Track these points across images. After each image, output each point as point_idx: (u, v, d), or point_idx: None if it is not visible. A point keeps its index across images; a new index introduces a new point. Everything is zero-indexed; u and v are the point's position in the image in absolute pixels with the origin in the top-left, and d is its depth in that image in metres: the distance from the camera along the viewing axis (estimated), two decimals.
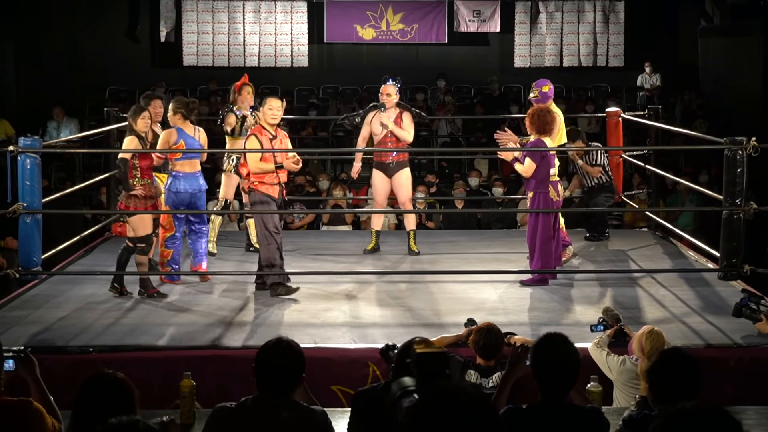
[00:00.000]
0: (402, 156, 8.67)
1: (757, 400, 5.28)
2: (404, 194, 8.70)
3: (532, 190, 7.52)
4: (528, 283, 7.53)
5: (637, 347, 5.18)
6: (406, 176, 8.69)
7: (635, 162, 9.95)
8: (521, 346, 4.17)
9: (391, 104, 8.61)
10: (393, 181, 8.67)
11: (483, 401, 2.34)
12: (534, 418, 3.55)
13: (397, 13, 16.74)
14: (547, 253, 7.47)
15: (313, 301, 7.15)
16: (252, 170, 7.23)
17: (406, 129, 8.59)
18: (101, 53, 16.45)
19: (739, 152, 6.74)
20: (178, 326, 6.51)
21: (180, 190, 7.55)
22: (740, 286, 6.88)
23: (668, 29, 17.35)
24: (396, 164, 8.65)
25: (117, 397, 3.31)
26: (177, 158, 7.56)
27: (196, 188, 7.61)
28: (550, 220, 7.51)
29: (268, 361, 3.65)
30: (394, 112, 8.62)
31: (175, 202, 7.57)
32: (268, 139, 7.26)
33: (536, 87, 8.49)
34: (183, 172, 7.57)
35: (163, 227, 7.63)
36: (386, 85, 8.66)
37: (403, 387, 3.64)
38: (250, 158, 7.22)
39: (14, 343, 5.86)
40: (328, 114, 15.61)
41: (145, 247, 7.25)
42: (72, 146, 12.11)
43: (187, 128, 7.58)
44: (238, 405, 3.65)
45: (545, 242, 7.45)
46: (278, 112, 7.29)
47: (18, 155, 6.87)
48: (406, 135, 8.59)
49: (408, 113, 8.68)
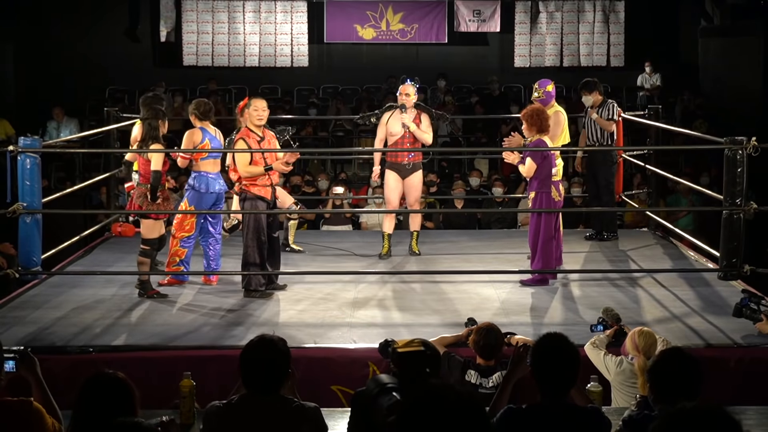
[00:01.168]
0: (418, 157, 8.57)
1: (757, 400, 5.28)
2: (414, 196, 8.63)
3: (535, 191, 7.52)
4: (528, 283, 7.53)
5: (631, 346, 5.21)
6: (418, 178, 8.62)
7: (635, 162, 9.94)
8: (522, 347, 4.18)
9: (410, 104, 8.50)
10: (406, 182, 8.55)
11: (472, 399, 2.33)
12: (534, 418, 3.55)
13: (397, 13, 16.74)
14: (548, 253, 7.47)
15: (313, 301, 7.15)
16: (242, 174, 7.17)
17: (425, 130, 8.48)
18: (101, 53, 16.45)
19: (739, 152, 6.73)
20: (178, 326, 6.51)
21: (208, 190, 7.48)
22: (740, 286, 6.88)
23: (668, 29, 17.35)
24: (412, 165, 8.55)
25: (118, 397, 3.31)
26: (203, 158, 7.51)
27: (222, 189, 7.59)
28: (551, 220, 7.51)
29: (253, 359, 3.66)
30: (413, 112, 8.50)
31: (199, 202, 7.52)
32: (256, 141, 7.21)
33: (540, 87, 8.47)
34: (209, 172, 7.52)
35: (183, 227, 7.57)
36: (405, 85, 8.55)
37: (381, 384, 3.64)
38: (239, 163, 7.15)
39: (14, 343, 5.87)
40: (328, 114, 15.61)
41: (149, 249, 7.21)
42: (72, 146, 12.11)
43: (209, 129, 7.57)
44: (226, 403, 3.66)
45: (546, 242, 7.45)
46: (264, 113, 7.22)
47: (18, 155, 6.86)
48: (427, 137, 8.48)
49: (426, 114, 8.57)
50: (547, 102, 8.33)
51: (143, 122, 7.31)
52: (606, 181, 9.09)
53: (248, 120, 7.28)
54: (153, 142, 7.15)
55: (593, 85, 9.17)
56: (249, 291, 7.22)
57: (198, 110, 7.58)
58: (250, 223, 7.17)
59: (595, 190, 9.19)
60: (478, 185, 12.12)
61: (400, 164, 8.55)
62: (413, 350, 3.66)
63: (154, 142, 7.16)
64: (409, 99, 8.49)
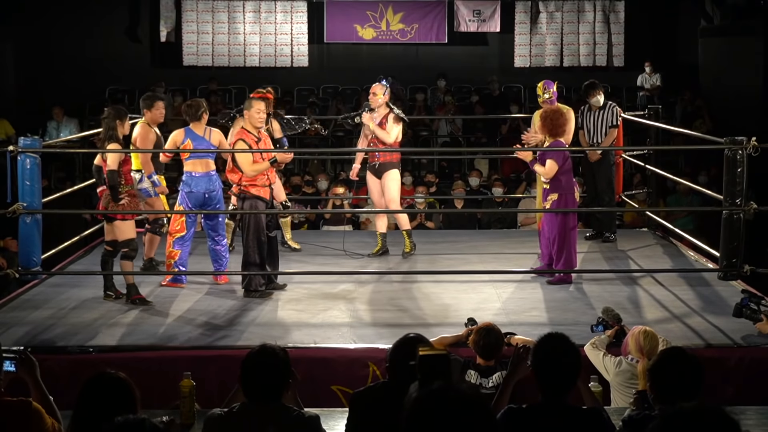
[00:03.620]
0: (388, 157, 8.42)
1: (757, 400, 5.29)
2: (387, 195, 8.46)
3: (558, 192, 7.52)
4: (554, 283, 7.55)
5: (635, 348, 5.18)
6: (390, 178, 8.44)
7: (635, 162, 9.95)
8: (522, 347, 4.17)
9: (376, 104, 8.39)
10: (381, 182, 8.52)
11: (477, 399, 2.33)
12: (534, 418, 3.54)
13: (397, 13, 16.73)
14: (571, 252, 7.53)
15: (313, 301, 7.15)
16: (248, 174, 7.18)
17: (388, 130, 8.33)
18: (101, 53, 16.44)
19: (739, 152, 6.73)
20: (178, 326, 6.51)
21: (192, 190, 7.52)
22: (740, 286, 6.88)
23: (668, 29, 17.35)
24: (380, 165, 8.45)
25: (119, 397, 3.31)
26: (186, 158, 7.56)
27: (210, 189, 7.58)
28: (574, 220, 7.57)
29: (253, 367, 3.64)
30: (384, 111, 8.41)
31: (186, 201, 7.55)
32: (254, 142, 7.27)
33: (548, 88, 8.50)
34: (194, 172, 7.55)
35: (174, 226, 7.59)
36: (374, 85, 8.48)
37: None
38: (243, 163, 7.17)
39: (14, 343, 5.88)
40: (328, 114, 15.61)
41: (128, 251, 7.09)
42: (72, 146, 12.10)
43: (197, 129, 7.57)
44: (227, 412, 3.65)
45: (570, 242, 7.51)
46: (264, 115, 7.33)
47: (18, 155, 6.86)
48: (385, 135, 8.30)
49: (392, 114, 8.42)
50: (553, 103, 8.37)
51: (102, 122, 7.24)
52: (607, 182, 9.10)
53: (247, 120, 7.30)
54: (110, 142, 7.07)
55: (598, 85, 9.22)
56: (249, 291, 7.22)
57: (187, 112, 7.62)
58: (250, 224, 7.18)
59: (595, 191, 9.19)
60: (478, 185, 12.12)
61: (371, 165, 8.55)
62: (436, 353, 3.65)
63: (111, 141, 7.07)
64: (375, 98, 8.38)
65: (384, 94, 8.41)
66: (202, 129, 7.61)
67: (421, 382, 3.60)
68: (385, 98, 8.42)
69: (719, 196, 7.10)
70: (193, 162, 7.56)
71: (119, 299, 7.13)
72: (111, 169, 7.01)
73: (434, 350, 3.71)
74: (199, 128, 7.59)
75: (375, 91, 8.43)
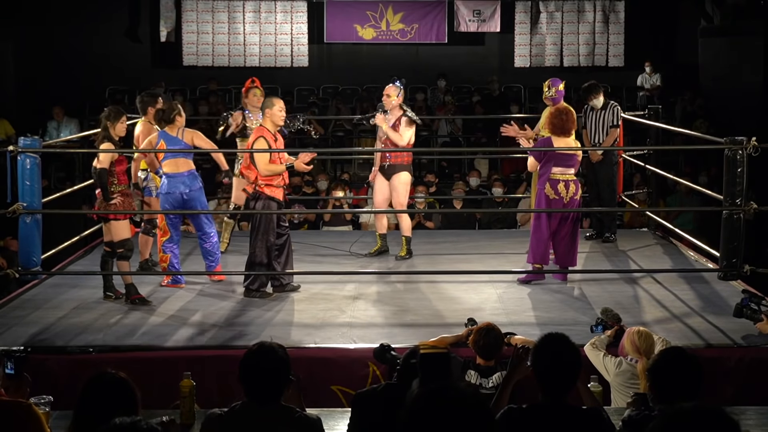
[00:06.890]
0: (398, 159, 8.42)
1: (757, 400, 5.29)
2: (395, 198, 8.46)
3: (538, 187, 7.65)
4: (524, 280, 7.55)
5: (632, 348, 5.19)
6: (399, 180, 8.42)
7: (635, 162, 9.95)
8: (522, 348, 4.17)
9: (390, 105, 8.38)
10: (390, 183, 8.51)
11: (476, 398, 2.33)
12: (534, 418, 3.54)
13: (397, 13, 16.72)
14: (536, 246, 7.53)
15: (313, 301, 7.15)
16: (262, 173, 7.14)
17: (400, 132, 8.32)
18: (101, 53, 16.44)
19: (739, 152, 6.73)
20: (178, 326, 6.52)
21: (168, 191, 7.49)
22: (740, 286, 6.88)
23: (668, 29, 17.34)
24: (389, 167, 8.44)
25: (120, 397, 3.30)
26: (161, 159, 7.55)
27: (186, 189, 7.52)
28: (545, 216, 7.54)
29: (252, 367, 3.60)
30: (398, 112, 8.39)
31: (162, 203, 7.53)
32: (273, 141, 7.23)
33: (553, 85, 8.51)
34: (168, 172, 7.52)
35: (160, 230, 7.61)
36: (388, 86, 8.44)
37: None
38: (259, 162, 7.12)
39: (14, 343, 5.89)
40: (327, 114, 15.61)
41: (124, 251, 7.09)
42: (72, 146, 12.10)
43: (170, 130, 7.52)
44: (227, 412, 3.61)
45: (539, 235, 7.53)
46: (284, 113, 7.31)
47: (18, 155, 6.86)
48: (397, 138, 8.28)
49: (405, 117, 8.42)
50: (558, 101, 8.37)
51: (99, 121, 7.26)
52: (608, 181, 9.10)
53: (268, 119, 7.27)
54: (102, 142, 7.09)
55: (598, 87, 9.22)
56: (249, 291, 7.22)
57: (162, 117, 7.54)
58: (261, 225, 7.15)
59: (596, 191, 9.20)
60: (478, 185, 12.12)
61: (382, 166, 8.52)
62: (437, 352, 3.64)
63: (103, 141, 7.09)
64: (389, 100, 8.35)
65: (398, 95, 8.37)
66: (176, 130, 7.55)
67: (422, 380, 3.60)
68: (398, 100, 8.39)
69: (719, 196, 7.10)
70: (167, 163, 7.53)
71: (119, 299, 7.13)
72: (101, 167, 7.02)
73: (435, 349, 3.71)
74: (173, 130, 7.53)
75: (389, 92, 8.39)
